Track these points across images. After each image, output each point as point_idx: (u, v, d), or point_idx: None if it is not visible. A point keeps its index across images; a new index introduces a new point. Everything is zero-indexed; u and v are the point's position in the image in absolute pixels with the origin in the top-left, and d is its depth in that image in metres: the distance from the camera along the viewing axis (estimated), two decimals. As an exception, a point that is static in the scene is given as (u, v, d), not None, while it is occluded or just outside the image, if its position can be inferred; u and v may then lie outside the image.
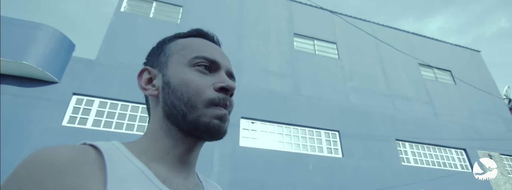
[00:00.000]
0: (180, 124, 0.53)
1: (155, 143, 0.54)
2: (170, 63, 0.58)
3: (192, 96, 0.53)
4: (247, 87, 7.65)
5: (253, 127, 7.19)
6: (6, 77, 5.57)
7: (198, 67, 0.56)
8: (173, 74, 0.56)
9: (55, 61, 5.96)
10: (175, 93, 0.54)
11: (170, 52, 0.60)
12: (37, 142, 5.13)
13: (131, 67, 6.53)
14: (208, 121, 0.52)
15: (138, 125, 6.15)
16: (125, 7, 8.10)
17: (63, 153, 0.42)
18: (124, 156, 0.48)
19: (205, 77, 0.56)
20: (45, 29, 6.03)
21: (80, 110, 5.95)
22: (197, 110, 0.53)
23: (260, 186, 6.18)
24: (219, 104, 0.54)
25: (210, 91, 0.54)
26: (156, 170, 0.49)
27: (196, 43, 0.61)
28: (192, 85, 0.54)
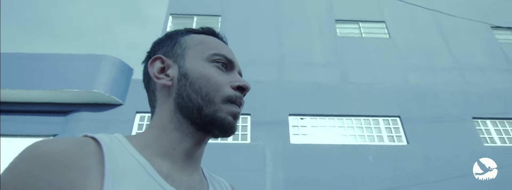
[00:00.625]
0: (194, 117, 0.54)
1: (162, 137, 0.53)
2: (187, 55, 0.58)
3: (211, 91, 0.54)
4: (292, 83, 7.63)
5: (302, 123, 7.15)
6: (81, 106, 6.64)
7: (217, 63, 0.58)
8: (191, 67, 0.57)
9: (118, 86, 6.87)
10: (193, 86, 0.54)
11: (187, 45, 0.60)
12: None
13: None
14: (223, 116, 0.53)
15: None
16: (170, 27, 8.84)
17: (61, 146, 0.41)
18: (125, 149, 0.48)
19: (223, 74, 0.57)
20: (107, 59, 6.99)
21: (143, 126, 6.74)
22: (214, 104, 0.53)
23: (317, 183, 6.12)
24: (235, 102, 0.55)
25: (227, 88, 0.55)
26: (159, 166, 0.49)
27: (212, 41, 0.62)
28: (212, 80, 0.55)
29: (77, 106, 6.75)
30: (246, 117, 7.04)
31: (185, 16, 9.07)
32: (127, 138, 0.52)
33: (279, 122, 6.96)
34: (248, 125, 6.94)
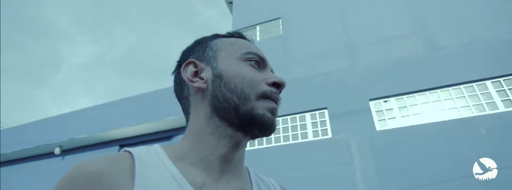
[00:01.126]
0: (231, 118, 0.52)
1: (199, 143, 0.53)
2: (220, 56, 0.58)
3: (247, 88, 0.53)
4: (367, 66, 7.04)
5: (387, 106, 6.46)
6: (180, 129, 7.78)
7: (250, 61, 0.57)
8: (225, 67, 0.56)
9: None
10: (228, 85, 0.53)
11: (218, 47, 0.60)
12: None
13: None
14: (262, 113, 0.52)
15: (291, 135, 6.82)
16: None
17: (96, 165, 0.43)
18: (160, 161, 0.48)
19: (257, 72, 0.57)
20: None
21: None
22: (250, 101, 0.52)
23: (416, 169, 5.40)
24: (271, 97, 0.54)
25: (263, 85, 0.55)
26: (193, 176, 0.48)
27: (243, 42, 0.62)
28: (247, 77, 0.54)
29: (177, 130, 7.93)
30: (323, 111, 6.86)
31: (248, 28, 9.55)
32: (164, 148, 0.53)
33: (360, 110, 6.49)
34: (327, 119, 6.73)
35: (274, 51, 8.37)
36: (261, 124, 0.51)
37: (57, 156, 8.92)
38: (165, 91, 8.17)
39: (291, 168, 6.18)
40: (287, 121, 7.03)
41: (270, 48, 8.50)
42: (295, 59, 8.01)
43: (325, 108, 6.86)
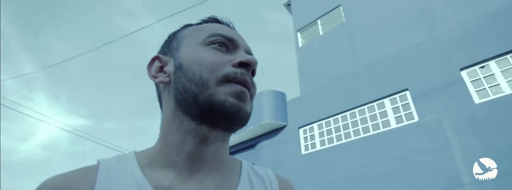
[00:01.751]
0: (192, 109, 0.46)
1: (166, 142, 0.48)
2: (182, 46, 0.52)
3: (205, 74, 0.46)
4: (449, 31, 5.90)
5: (485, 71, 5.21)
6: (260, 137, 8.03)
7: (214, 44, 0.50)
8: (185, 55, 0.50)
9: (279, 111, 7.84)
10: (187, 74, 0.47)
11: (182, 36, 0.54)
12: (290, 169, 6.69)
13: (327, 85, 7.24)
14: (223, 99, 0.44)
15: (371, 125, 6.25)
16: (301, 42, 9.31)
17: (57, 180, 0.44)
18: (128, 170, 0.46)
19: (221, 54, 0.49)
20: (264, 94, 8.23)
21: (308, 138, 7.16)
22: (208, 88, 0.45)
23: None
24: (235, 80, 0.46)
25: (226, 67, 0.47)
26: (159, 179, 0.45)
27: (209, 25, 0.55)
28: (206, 61, 0.47)
29: (258, 138, 8.18)
30: (403, 93, 6.00)
31: (309, 25, 9.30)
32: (137, 154, 0.50)
33: (450, 84, 5.42)
34: (409, 101, 5.84)
35: (340, 41, 7.89)
36: (223, 111, 0.44)
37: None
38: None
39: (379, 160, 5.56)
40: (364, 111, 6.41)
41: (335, 39, 8.06)
42: (363, 43, 7.34)
43: (405, 89, 5.99)
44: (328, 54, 8.05)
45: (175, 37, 0.56)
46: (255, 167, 0.58)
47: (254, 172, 0.55)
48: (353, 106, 6.56)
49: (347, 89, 6.88)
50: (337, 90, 7.07)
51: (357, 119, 6.46)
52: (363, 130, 6.27)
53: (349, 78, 6.96)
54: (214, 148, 0.49)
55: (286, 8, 11.04)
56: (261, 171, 0.57)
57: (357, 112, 6.53)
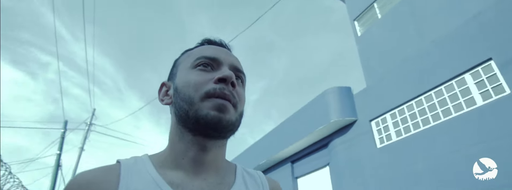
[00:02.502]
0: (187, 124, 0.55)
1: (172, 150, 0.58)
2: (178, 71, 0.62)
3: (191, 93, 0.55)
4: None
5: None
6: (331, 135, 7.71)
7: (199, 66, 0.59)
8: (179, 79, 0.60)
9: (346, 106, 7.45)
10: (180, 95, 0.57)
11: (179, 62, 0.65)
12: (367, 165, 6.19)
13: (394, 71, 6.63)
14: (205, 113, 0.52)
15: (452, 106, 5.41)
16: (359, 30, 8.73)
17: (85, 176, 0.51)
18: (145, 169, 0.54)
19: (205, 74, 0.58)
20: (328, 92, 7.97)
21: (381, 130, 6.57)
22: (194, 105, 0.54)
23: None
24: (214, 95, 0.53)
25: (208, 85, 0.55)
26: (171, 177, 0.53)
27: (200, 48, 0.64)
28: (191, 82, 0.56)
29: (329, 137, 7.86)
30: (487, 64, 5.06)
31: (366, 11, 8.68)
32: (150, 157, 0.59)
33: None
34: (496, 71, 4.89)
35: (402, 20, 7.15)
36: (206, 123, 0.52)
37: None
38: (309, 106, 8.46)
39: (468, 144, 4.77)
40: (442, 92, 5.61)
41: (396, 20, 7.34)
42: (428, 17, 6.49)
43: (488, 59, 5.06)
44: (390, 37, 7.36)
45: (175, 64, 0.67)
46: (248, 169, 0.66)
47: (247, 172, 0.64)
48: (428, 89, 5.80)
49: (417, 71, 6.14)
50: (406, 75, 6.37)
51: (434, 102, 5.67)
52: (443, 113, 5.47)
53: (417, 59, 6.21)
54: (213, 154, 0.57)
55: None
56: (253, 172, 0.66)
57: (433, 94, 5.75)
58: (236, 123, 0.56)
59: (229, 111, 0.54)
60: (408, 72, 6.33)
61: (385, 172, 6.01)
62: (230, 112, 0.54)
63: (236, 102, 0.56)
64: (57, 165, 10.10)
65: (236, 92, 0.57)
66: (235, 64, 0.62)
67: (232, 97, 0.55)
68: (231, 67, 0.60)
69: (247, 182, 0.61)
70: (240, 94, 0.59)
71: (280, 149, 9.00)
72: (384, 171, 6.03)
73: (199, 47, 0.65)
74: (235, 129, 0.57)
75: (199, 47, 0.66)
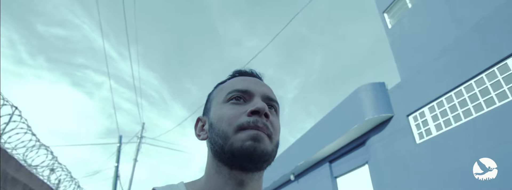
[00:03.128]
0: (223, 158, 0.55)
1: (210, 181, 0.58)
2: (212, 106, 0.63)
3: (225, 127, 0.55)
4: None
5: None
6: (368, 133, 7.51)
7: (232, 100, 0.59)
8: (213, 114, 0.60)
9: (381, 103, 7.22)
10: (215, 130, 0.57)
11: (212, 97, 0.66)
12: (406, 162, 5.93)
13: (429, 62, 6.35)
14: (240, 145, 0.52)
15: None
16: (390, 22, 8.42)
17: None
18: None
19: (238, 107, 0.58)
20: (360, 90, 7.77)
21: (420, 124, 6.26)
22: (229, 139, 0.54)
23: None
24: (248, 127, 0.54)
25: (241, 118, 0.55)
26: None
27: (232, 82, 0.64)
28: (225, 117, 0.56)
29: (366, 135, 7.65)
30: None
31: (394, 2, 8.34)
32: (185, 185, 0.60)
33: None
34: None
35: (435, 8, 6.76)
36: (241, 155, 0.52)
37: (293, 181, 10.66)
38: (342, 105, 8.32)
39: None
40: (483, 81, 5.22)
41: (429, 7, 6.97)
42: (465, 1, 6.08)
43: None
44: (423, 26, 7.01)
45: (208, 99, 0.68)
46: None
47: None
48: (467, 78, 5.44)
49: (455, 60, 5.79)
50: (443, 65, 6.02)
51: (475, 92, 5.31)
52: (485, 103, 5.10)
53: (455, 48, 5.85)
54: (250, 188, 0.56)
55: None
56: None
57: (473, 83, 5.38)
58: (272, 153, 0.56)
59: (264, 141, 0.53)
60: (445, 62, 5.99)
61: (428, 168, 5.71)
62: (265, 142, 0.53)
63: (270, 133, 0.56)
64: (115, 176, 11.03)
65: (270, 123, 0.57)
66: (267, 94, 0.61)
67: (266, 129, 0.55)
68: (263, 97, 0.60)
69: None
70: (274, 124, 0.58)
71: (317, 150, 8.92)
72: (426, 167, 5.74)
73: (231, 80, 0.66)
74: (271, 160, 0.56)
75: (231, 79, 0.66)
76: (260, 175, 0.59)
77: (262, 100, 0.59)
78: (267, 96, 0.61)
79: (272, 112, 0.61)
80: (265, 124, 0.55)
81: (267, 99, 0.60)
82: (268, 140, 0.54)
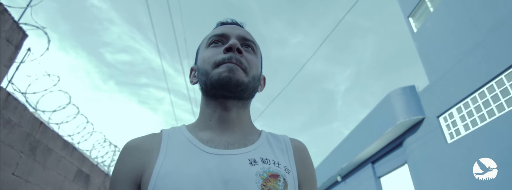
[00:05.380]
0: (208, 92, 0.66)
1: (201, 116, 0.69)
2: (199, 54, 0.74)
3: (206, 66, 0.65)
4: None
5: None
6: (402, 135, 7.99)
7: (212, 44, 0.69)
8: (198, 60, 0.71)
9: (412, 105, 7.71)
10: (200, 71, 0.68)
11: (199, 47, 0.76)
12: (440, 162, 6.38)
13: (454, 64, 6.76)
14: (216, 76, 0.62)
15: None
16: (415, 26, 8.79)
17: (136, 140, 0.65)
18: (181, 132, 0.66)
19: (216, 49, 0.67)
20: (391, 95, 8.30)
21: (450, 125, 6.68)
22: (209, 74, 0.64)
23: None
24: (223, 62, 0.63)
25: (218, 56, 0.65)
26: (202, 136, 0.64)
27: (212, 31, 0.74)
28: (205, 58, 0.67)
29: (402, 137, 8.14)
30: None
31: (418, 6, 8.67)
32: (186, 125, 0.70)
33: None
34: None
35: (454, 10, 7.10)
36: (220, 84, 0.62)
37: (340, 182, 11.30)
38: (376, 110, 8.88)
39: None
40: (503, 81, 5.60)
41: (449, 11, 7.32)
42: (479, 4, 6.43)
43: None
44: (446, 30, 7.39)
45: (197, 50, 0.78)
46: (273, 133, 0.74)
47: (272, 134, 0.73)
48: (488, 80, 5.80)
49: (475, 62, 6.17)
50: (465, 67, 6.41)
51: (497, 93, 5.68)
52: (506, 103, 5.46)
53: (474, 50, 6.21)
54: (235, 113, 0.68)
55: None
56: (277, 135, 0.74)
57: (494, 84, 5.75)
58: (249, 84, 0.65)
59: (238, 72, 0.62)
60: (467, 64, 6.38)
61: (461, 167, 6.14)
62: (240, 73, 0.63)
63: (245, 67, 0.64)
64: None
65: (245, 58, 0.66)
66: (242, 34, 0.70)
67: (240, 63, 0.64)
68: (238, 37, 0.69)
69: (270, 140, 0.68)
70: (250, 59, 0.67)
71: (358, 152, 9.53)
72: (459, 166, 6.17)
73: (213, 30, 0.75)
74: (249, 90, 0.66)
75: (213, 29, 0.75)
76: (244, 104, 0.69)
77: (237, 40, 0.67)
78: (242, 37, 0.69)
79: (249, 51, 0.69)
80: (238, 60, 0.63)
81: (242, 39, 0.69)
82: (243, 72, 0.64)
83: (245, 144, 0.63)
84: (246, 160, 0.57)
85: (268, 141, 0.67)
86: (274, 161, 0.60)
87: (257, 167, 0.56)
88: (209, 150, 0.58)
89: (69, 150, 4.74)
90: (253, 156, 0.59)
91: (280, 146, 0.67)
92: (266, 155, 0.61)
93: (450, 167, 6.40)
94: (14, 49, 3.41)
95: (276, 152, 0.64)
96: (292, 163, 0.64)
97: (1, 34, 3.18)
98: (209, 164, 0.55)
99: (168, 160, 0.56)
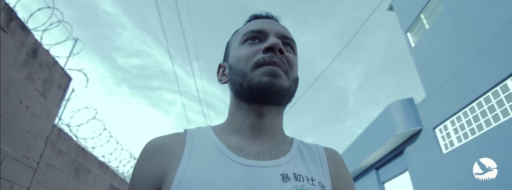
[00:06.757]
0: (243, 95, 0.60)
1: (231, 118, 0.64)
2: (230, 51, 0.67)
3: (243, 66, 0.59)
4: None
5: None
6: (402, 145, 8.49)
7: (247, 41, 0.63)
8: (231, 57, 0.65)
9: (411, 117, 8.23)
10: (234, 71, 0.61)
11: (230, 43, 0.70)
12: (435, 171, 6.90)
13: (449, 79, 7.27)
14: (257, 80, 0.56)
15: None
16: (413, 40, 9.29)
17: (159, 140, 0.60)
18: (206, 135, 0.61)
19: (254, 47, 0.61)
20: (390, 107, 8.83)
21: (445, 136, 7.19)
22: (247, 76, 0.58)
23: None
24: (264, 64, 0.57)
25: (257, 56, 0.59)
26: (230, 141, 0.59)
27: (247, 25, 0.68)
28: (242, 56, 0.60)
29: (401, 146, 8.66)
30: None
31: (415, 22, 9.16)
32: (212, 126, 0.66)
33: None
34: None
35: (446, 29, 7.58)
36: (260, 89, 0.56)
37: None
38: (377, 120, 9.42)
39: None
40: (489, 99, 6.11)
41: (442, 29, 7.81)
42: (467, 25, 6.94)
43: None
44: (440, 47, 7.90)
45: (227, 45, 0.73)
46: (305, 142, 0.69)
47: (304, 144, 0.67)
48: (477, 96, 6.31)
49: (465, 79, 6.68)
50: (457, 83, 6.92)
51: (484, 109, 6.18)
52: (493, 118, 5.96)
53: (463, 68, 6.72)
54: (269, 120, 0.62)
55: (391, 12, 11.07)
56: (310, 144, 0.68)
57: (482, 101, 6.25)
58: (290, 89, 0.60)
59: (281, 76, 0.57)
60: (458, 81, 6.89)
61: (455, 177, 6.65)
62: (282, 77, 0.57)
63: (286, 68, 0.59)
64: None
65: (286, 59, 0.60)
66: (282, 32, 0.64)
67: (282, 64, 0.58)
68: (278, 35, 0.63)
69: (303, 151, 0.63)
70: (291, 60, 0.61)
71: (362, 159, 10.08)
72: (453, 176, 6.68)
73: (247, 24, 0.69)
74: (289, 95, 0.61)
75: (247, 24, 0.70)
76: (280, 110, 0.63)
77: (277, 38, 0.62)
78: (282, 35, 0.64)
79: (288, 50, 0.64)
80: (281, 60, 0.58)
81: (282, 38, 0.63)
82: (285, 75, 0.58)
83: (276, 155, 0.58)
84: (278, 175, 0.53)
85: (301, 152, 0.63)
86: (307, 177, 0.55)
87: (289, 185, 0.52)
88: (237, 160, 0.54)
89: (103, 169, 5.49)
90: (285, 171, 0.55)
91: (313, 157, 0.63)
92: (299, 169, 0.57)
93: (445, 177, 6.91)
94: (63, 92, 4.15)
95: (309, 165, 0.60)
96: (326, 177, 0.60)
97: (54, 82, 3.91)
98: (236, 175, 0.51)
99: (191, 166, 0.53)
